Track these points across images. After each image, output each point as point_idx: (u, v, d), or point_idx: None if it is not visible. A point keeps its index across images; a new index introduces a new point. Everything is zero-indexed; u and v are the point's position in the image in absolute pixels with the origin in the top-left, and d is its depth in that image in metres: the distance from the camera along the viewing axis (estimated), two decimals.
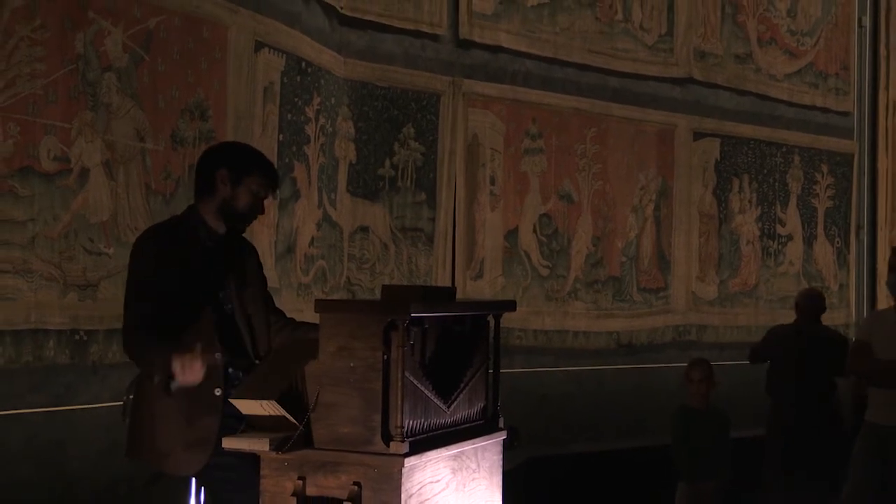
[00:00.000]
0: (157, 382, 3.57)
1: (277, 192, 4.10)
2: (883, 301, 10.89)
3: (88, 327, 5.31)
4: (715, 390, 6.76)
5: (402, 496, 3.22)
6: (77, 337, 5.28)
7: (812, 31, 10.91)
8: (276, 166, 4.16)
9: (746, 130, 10.30)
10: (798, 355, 7.34)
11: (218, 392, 3.69)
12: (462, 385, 3.64)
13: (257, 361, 3.84)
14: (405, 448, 3.23)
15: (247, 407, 3.36)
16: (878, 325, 6.61)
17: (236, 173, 3.91)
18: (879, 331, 6.50)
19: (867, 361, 6.47)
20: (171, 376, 3.51)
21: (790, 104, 10.69)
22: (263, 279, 4.16)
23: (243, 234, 4.07)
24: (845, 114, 11.25)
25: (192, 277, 3.78)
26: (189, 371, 3.50)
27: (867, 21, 11.45)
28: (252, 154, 4.08)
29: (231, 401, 3.44)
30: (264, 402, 3.31)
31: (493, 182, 8.38)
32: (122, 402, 3.87)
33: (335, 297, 7.09)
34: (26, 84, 5.02)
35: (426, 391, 3.41)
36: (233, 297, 3.91)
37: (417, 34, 7.88)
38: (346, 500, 3.24)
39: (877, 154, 11.55)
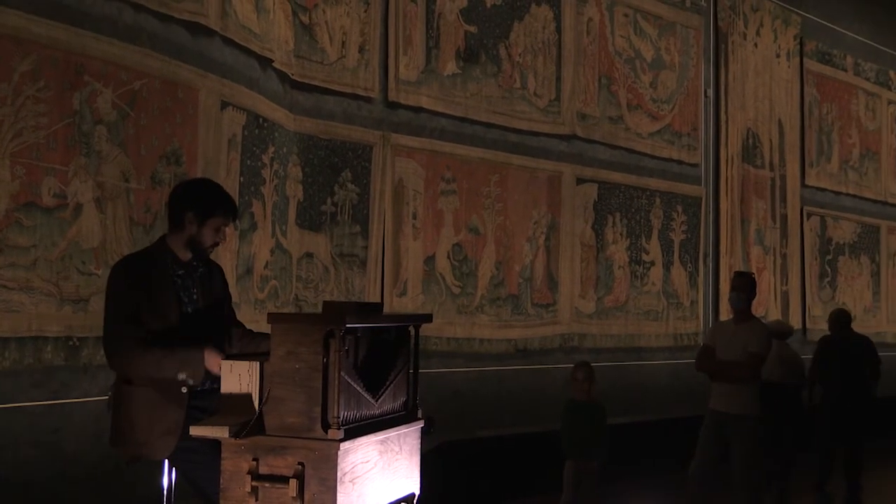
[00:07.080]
0: (182, 380, 3.57)
1: (238, 221, 3.93)
2: (724, 313, 11.09)
3: (80, 335, 5.24)
4: (594, 387, 6.83)
5: (338, 474, 3.22)
6: (71, 343, 5.21)
7: (669, 99, 11.12)
8: (236, 201, 3.93)
9: (618, 177, 10.43)
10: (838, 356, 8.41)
11: (184, 390, 3.65)
12: (388, 383, 3.63)
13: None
14: (341, 434, 3.23)
15: (231, 369, 3.30)
16: (720, 332, 6.74)
17: (201, 216, 3.74)
18: (721, 337, 6.63)
19: (710, 361, 6.59)
20: (195, 373, 3.55)
21: (652, 157, 10.84)
22: (228, 296, 4.05)
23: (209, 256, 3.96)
24: (695, 165, 11.45)
25: (159, 299, 3.70)
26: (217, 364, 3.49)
27: (711, 92, 11.70)
28: (215, 196, 3.82)
29: (222, 362, 3.34)
30: (249, 365, 3.29)
31: (414, 217, 8.40)
32: (107, 397, 3.82)
33: (285, 311, 7.04)
34: (31, 134, 4.97)
35: (358, 388, 3.40)
36: (199, 309, 3.79)
37: (354, 96, 7.88)
38: (292, 478, 3.22)
39: (720, 197, 11.78)
